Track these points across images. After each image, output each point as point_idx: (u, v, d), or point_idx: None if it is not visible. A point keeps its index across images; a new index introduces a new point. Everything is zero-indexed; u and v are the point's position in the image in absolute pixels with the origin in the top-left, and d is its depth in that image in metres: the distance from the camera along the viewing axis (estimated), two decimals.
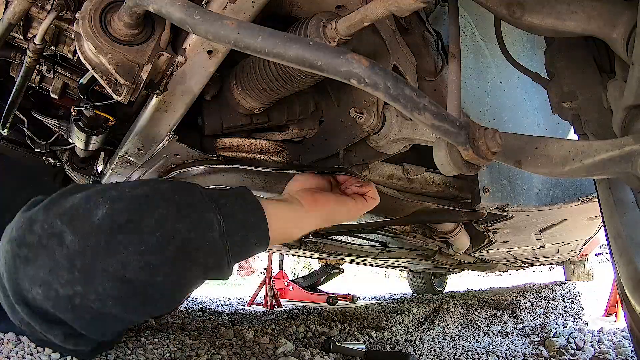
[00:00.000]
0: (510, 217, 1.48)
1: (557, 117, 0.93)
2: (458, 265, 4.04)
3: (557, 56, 0.89)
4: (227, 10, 0.71)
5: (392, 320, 2.71)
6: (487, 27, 1.29)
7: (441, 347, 2.04)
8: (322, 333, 2.06)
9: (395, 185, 1.24)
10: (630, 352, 1.80)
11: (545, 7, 0.69)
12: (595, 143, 0.60)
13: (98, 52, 0.69)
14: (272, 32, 0.55)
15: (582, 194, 1.46)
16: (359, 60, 0.52)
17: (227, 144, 1.09)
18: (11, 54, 0.95)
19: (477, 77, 1.30)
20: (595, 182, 0.89)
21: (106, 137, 1.11)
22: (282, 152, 1.13)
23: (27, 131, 1.28)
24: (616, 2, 0.65)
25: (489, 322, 3.03)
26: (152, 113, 0.87)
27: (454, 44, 0.81)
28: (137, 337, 1.30)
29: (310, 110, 1.11)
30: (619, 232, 0.74)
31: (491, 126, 0.63)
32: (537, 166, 0.66)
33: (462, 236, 2.05)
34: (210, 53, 0.78)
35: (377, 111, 0.90)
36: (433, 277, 6.13)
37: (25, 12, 0.73)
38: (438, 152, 0.68)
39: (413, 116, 0.54)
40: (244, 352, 1.44)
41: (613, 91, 0.72)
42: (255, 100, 0.96)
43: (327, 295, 6.10)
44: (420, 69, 1.02)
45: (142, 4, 0.63)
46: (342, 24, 0.68)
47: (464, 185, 1.37)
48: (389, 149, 0.99)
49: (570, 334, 2.15)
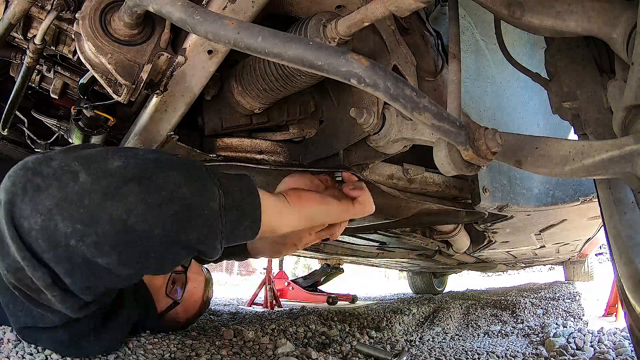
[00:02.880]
0: (510, 217, 1.48)
1: (557, 117, 0.93)
2: (458, 265, 4.05)
3: (557, 56, 0.89)
4: (227, 10, 0.71)
5: (392, 320, 2.71)
6: (487, 27, 1.29)
7: (441, 347, 2.04)
8: (322, 333, 2.06)
9: (396, 185, 1.24)
10: (630, 352, 1.80)
11: (545, 7, 0.69)
12: (595, 143, 0.60)
13: (98, 52, 0.69)
14: (272, 32, 0.55)
15: (582, 194, 1.46)
16: (359, 60, 0.52)
17: (227, 144, 1.09)
18: (11, 54, 0.95)
19: (477, 77, 1.30)
20: (595, 182, 0.89)
21: (106, 137, 1.11)
22: (282, 152, 1.13)
23: (27, 131, 1.28)
24: (616, 2, 0.65)
25: (489, 322, 3.03)
26: (152, 113, 0.87)
27: (454, 44, 0.81)
28: (137, 337, 1.30)
29: (310, 110, 1.11)
30: (619, 232, 0.74)
31: (491, 126, 0.63)
32: (537, 166, 0.66)
33: (462, 236, 2.05)
34: (210, 53, 0.78)
35: (377, 111, 0.90)
36: (433, 277, 6.14)
37: (25, 12, 0.73)
38: (438, 152, 0.68)
39: (413, 116, 0.54)
40: (244, 352, 1.44)
41: (613, 91, 0.72)
42: (255, 100, 0.96)
43: (327, 295, 6.09)
44: (420, 69, 1.02)
45: (142, 4, 0.63)
46: (342, 24, 0.68)
47: (464, 185, 1.37)
48: (389, 149, 0.99)
49: (570, 334, 2.15)
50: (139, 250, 0.69)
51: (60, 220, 0.65)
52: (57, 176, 0.67)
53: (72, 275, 0.70)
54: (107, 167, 0.69)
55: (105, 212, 0.66)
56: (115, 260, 0.68)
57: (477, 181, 1.26)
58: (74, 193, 0.66)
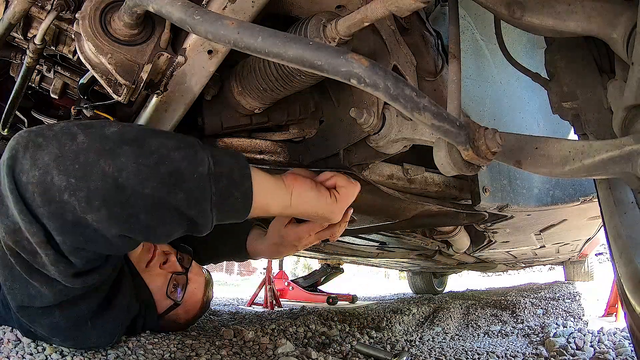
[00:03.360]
0: (510, 217, 1.48)
1: (557, 117, 0.93)
2: (458, 265, 4.05)
3: (557, 56, 0.89)
4: (227, 10, 0.71)
5: (392, 320, 2.71)
6: (487, 27, 1.29)
7: (441, 347, 2.04)
8: (322, 333, 2.06)
9: (396, 185, 1.24)
10: (630, 352, 1.80)
11: (545, 7, 0.69)
12: (595, 143, 0.60)
13: (98, 52, 0.70)
14: (272, 32, 0.55)
15: (582, 194, 1.46)
16: (359, 60, 0.52)
17: (227, 144, 1.09)
18: (11, 54, 0.95)
19: (477, 77, 1.30)
20: (595, 182, 0.89)
21: None
22: (282, 152, 1.13)
23: None
24: (616, 2, 0.65)
25: (489, 322, 3.03)
26: (152, 113, 0.87)
27: (454, 44, 0.81)
28: (137, 337, 1.30)
29: (310, 110, 1.11)
30: (619, 232, 0.74)
31: (491, 126, 0.63)
32: (537, 166, 0.66)
33: (462, 236, 2.06)
34: (210, 53, 0.78)
35: (377, 111, 0.90)
36: (433, 277, 6.14)
37: (25, 12, 0.73)
38: (438, 152, 0.68)
39: (413, 116, 0.54)
40: (244, 352, 1.44)
41: (613, 91, 0.72)
42: (255, 100, 0.96)
43: (327, 295, 6.09)
44: (420, 69, 1.02)
45: (142, 4, 0.63)
46: (342, 24, 0.68)
47: (464, 186, 1.38)
48: (389, 149, 0.99)
49: (570, 334, 2.15)
50: (129, 209, 0.72)
51: (56, 174, 0.69)
52: (57, 137, 0.71)
53: (63, 233, 0.72)
54: (104, 131, 0.74)
55: (98, 168, 0.70)
56: (104, 216, 0.71)
57: (477, 181, 1.26)
58: (70, 151, 0.70)
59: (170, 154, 0.75)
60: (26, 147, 0.71)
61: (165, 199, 0.73)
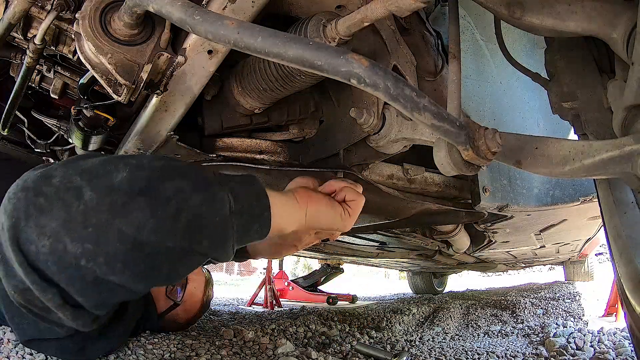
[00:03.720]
0: (510, 217, 1.48)
1: (557, 117, 0.93)
2: (458, 265, 4.05)
3: (557, 56, 0.89)
4: (227, 10, 0.71)
5: (392, 320, 2.71)
6: (487, 27, 1.29)
7: (441, 347, 2.04)
8: (322, 333, 2.06)
9: (396, 185, 1.24)
10: (630, 352, 1.80)
11: (545, 7, 0.69)
12: (595, 143, 0.60)
13: (98, 52, 0.69)
14: (272, 32, 0.55)
15: (582, 194, 1.46)
16: (359, 60, 0.52)
17: (227, 144, 1.09)
18: (11, 54, 0.95)
19: (477, 77, 1.30)
20: (595, 182, 0.89)
21: (106, 137, 1.11)
22: (282, 152, 1.13)
23: (27, 131, 1.28)
24: (616, 2, 0.65)
25: (489, 322, 3.03)
26: (152, 113, 0.87)
27: (454, 44, 0.81)
28: (137, 337, 1.30)
29: (310, 110, 1.11)
30: (619, 232, 0.74)
31: (491, 126, 0.63)
32: (537, 166, 0.66)
33: (462, 236, 2.05)
34: (210, 53, 0.78)
35: (377, 111, 0.90)
36: (433, 277, 6.13)
37: (25, 12, 0.73)
38: (438, 152, 0.68)
39: (413, 116, 0.54)
40: (244, 352, 1.44)
41: (613, 91, 0.72)
42: (255, 100, 0.96)
43: (327, 295, 6.09)
44: (420, 69, 1.02)
45: (142, 4, 0.63)
46: (342, 24, 0.68)
47: (464, 185, 1.38)
48: (389, 149, 0.99)
49: (570, 334, 2.15)
50: (152, 265, 0.67)
51: (68, 241, 0.63)
52: (59, 195, 0.64)
53: (84, 294, 0.67)
54: (111, 181, 0.66)
55: (114, 229, 0.63)
56: (128, 277, 0.66)
57: (477, 181, 1.26)
58: (79, 212, 0.63)
59: (187, 199, 0.69)
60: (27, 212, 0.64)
61: (189, 249, 0.70)
